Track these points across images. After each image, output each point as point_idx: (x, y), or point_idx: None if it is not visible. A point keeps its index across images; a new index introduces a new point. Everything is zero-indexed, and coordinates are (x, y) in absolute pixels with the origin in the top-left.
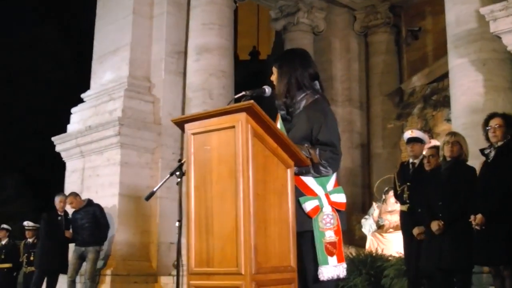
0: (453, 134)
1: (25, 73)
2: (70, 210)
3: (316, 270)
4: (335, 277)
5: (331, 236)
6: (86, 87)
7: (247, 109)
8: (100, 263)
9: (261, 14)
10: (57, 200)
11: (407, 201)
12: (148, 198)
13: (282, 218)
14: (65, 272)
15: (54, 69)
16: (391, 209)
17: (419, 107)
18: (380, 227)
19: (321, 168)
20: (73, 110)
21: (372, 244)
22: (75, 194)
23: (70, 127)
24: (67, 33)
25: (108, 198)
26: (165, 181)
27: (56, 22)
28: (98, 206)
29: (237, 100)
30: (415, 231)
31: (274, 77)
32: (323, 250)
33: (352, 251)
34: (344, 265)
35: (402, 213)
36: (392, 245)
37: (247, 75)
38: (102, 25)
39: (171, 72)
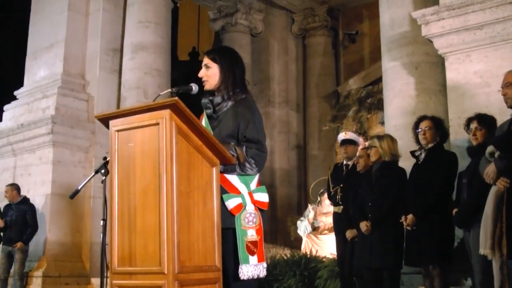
0: (372, 137)
1: None
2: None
3: (237, 268)
4: (255, 276)
5: (253, 235)
6: (21, 84)
7: (171, 106)
8: (31, 264)
9: (201, 15)
10: None
11: (340, 203)
12: (73, 196)
13: (207, 216)
14: None
15: None
16: (326, 210)
17: (354, 109)
18: (315, 229)
19: (247, 165)
20: (5, 107)
21: (307, 245)
22: (15, 186)
23: (1, 125)
24: (2, 27)
25: (40, 197)
26: (89, 179)
27: None
28: (31, 206)
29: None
30: (348, 234)
31: (207, 73)
32: (244, 248)
33: (287, 252)
34: (264, 265)
35: (335, 215)
36: (326, 246)
37: (187, 75)
38: (37, 20)
39: (106, 70)
